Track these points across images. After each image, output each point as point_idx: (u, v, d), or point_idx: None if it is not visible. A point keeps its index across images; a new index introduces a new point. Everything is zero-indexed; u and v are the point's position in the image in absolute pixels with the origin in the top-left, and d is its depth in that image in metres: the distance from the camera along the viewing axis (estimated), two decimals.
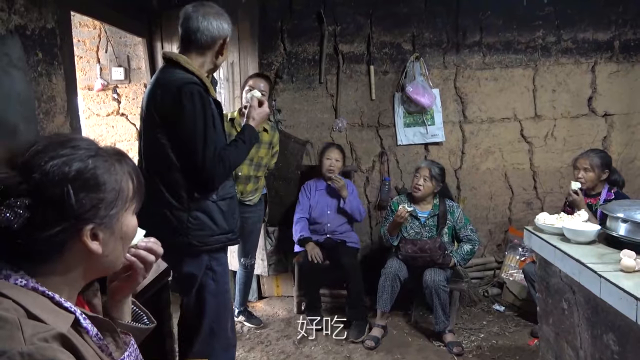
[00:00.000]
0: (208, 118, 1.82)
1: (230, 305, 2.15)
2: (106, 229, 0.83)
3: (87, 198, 0.79)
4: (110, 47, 3.76)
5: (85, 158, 0.80)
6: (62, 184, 0.76)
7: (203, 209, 1.91)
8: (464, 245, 3.25)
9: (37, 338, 0.69)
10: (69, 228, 0.78)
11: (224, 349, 2.08)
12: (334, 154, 3.51)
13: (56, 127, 2.39)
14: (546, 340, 2.27)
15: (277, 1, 3.77)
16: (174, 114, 1.81)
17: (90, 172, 0.80)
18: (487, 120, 3.90)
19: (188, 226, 1.89)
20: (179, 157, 1.85)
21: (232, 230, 2.02)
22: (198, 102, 1.79)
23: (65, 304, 0.79)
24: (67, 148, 0.80)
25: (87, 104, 3.84)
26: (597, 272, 1.63)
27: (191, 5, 1.93)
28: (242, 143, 1.98)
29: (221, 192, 1.96)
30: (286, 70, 3.86)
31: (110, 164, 0.84)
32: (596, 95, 3.85)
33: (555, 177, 3.93)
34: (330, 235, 3.49)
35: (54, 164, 0.77)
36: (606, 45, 3.80)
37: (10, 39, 2.07)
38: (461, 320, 3.42)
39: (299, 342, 3.15)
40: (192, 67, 1.87)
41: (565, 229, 2.01)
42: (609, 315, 1.66)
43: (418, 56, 3.79)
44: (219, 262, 2.02)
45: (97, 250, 0.81)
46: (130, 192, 0.88)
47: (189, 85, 1.79)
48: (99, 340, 0.83)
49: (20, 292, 0.75)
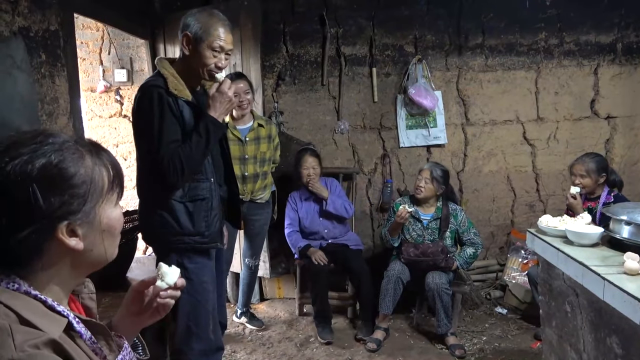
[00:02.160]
0: (162, 118, 1.85)
1: (211, 305, 2.05)
2: (84, 224, 0.79)
3: (56, 196, 0.75)
4: (113, 49, 3.77)
5: (49, 153, 0.75)
6: (25, 185, 0.72)
7: (168, 208, 1.92)
8: (466, 249, 3.24)
9: (28, 345, 0.67)
10: (42, 229, 0.74)
11: (204, 352, 2.02)
12: (309, 161, 3.39)
13: (59, 129, 2.40)
14: (549, 343, 2.26)
15: (279, 4, 3.78)
16: (136, 116, 1.94)
17: (55, 167, 0.75)
18: (489, 122, 3.90)
19: (152, 223, 1.95)
20: (145, 155, 1.94)
21: (200, 233, 1.95)
22: (155, 103, 1.84)
23: (58, 307, 0.78)
24: (30, 145, 0.75)
25: (90, 105, 3.86)
26: (601, 275, 1.62)
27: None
28: (198, 137, 1.87)
29: (191, 193, 1.93)
30: (288, 72, 3.86)
31: (79, 157, 0.79)
32: (599, 97, 3.84)
33: (558, 179, 3.92)
34: (332, 240, 3.46)
35: (15, 164, 0.73)
36: (609, 47, 3.80)
37: (14, 40, 2.08)
38: (463, 323, 3.41)
39: (301, 345, 3.15)
40: (165, 69, 1.91)
41: (569, 232, 2.00)
42: (613, 318, 1.65)
43: (420, 58, 3.79)
44: (192, 260, 1.96)
45: (76, 246, 0.78)
46: (105, 183, 0.82)
47: (148, 88, 1.88)
48: (92, 344, 0.82)
49: (12, 296, 0.73)
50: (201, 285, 1.98)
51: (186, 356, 2.00)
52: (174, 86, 1.87)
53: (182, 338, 2.00)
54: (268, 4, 3.69)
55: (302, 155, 3.43)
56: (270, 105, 3.86)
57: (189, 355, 2.00)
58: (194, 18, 1.87)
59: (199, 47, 1.86)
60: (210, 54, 1.87)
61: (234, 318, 3.42)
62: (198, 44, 1.86)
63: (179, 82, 1.90)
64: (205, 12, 1.91)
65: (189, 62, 1.92)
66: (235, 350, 3.09)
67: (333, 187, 3.52)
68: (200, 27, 1.85)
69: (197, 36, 1.85)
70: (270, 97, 3.88)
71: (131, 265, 2.65)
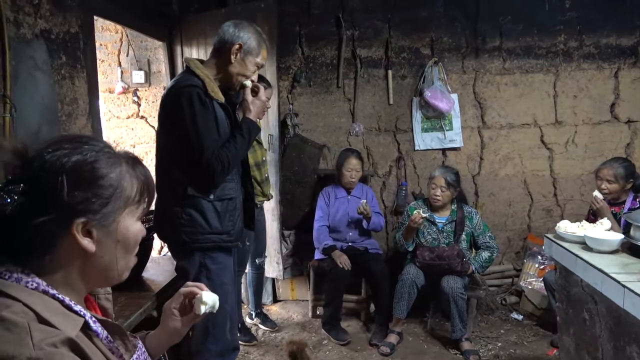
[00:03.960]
0: (205, 118, 1.88)
1: (230, 307, 2.09)
2: (101, 227, 0.80)
3: (81, 191, 0.77)
4: (131, 51, 3.81)
5: (86, 152, 0.80)
6: (57, 174, 0.76)
7: (196, 207, 1.95)
8: (482, 253, 3.20)
9: (45, 343, 0.68)
10: (59, 220, 0.76)
11: (221, 353, 2.04)
12: (353, 163, 3.41)
13: (78, 129, 2.43)
14: (566, 351, 2.22)
15: (295, 6, 3.79)
16: (174, 115, 1.92)
17: (88, 165, 0.79)
18: (506, 125, 3.86)
19: (180, 222, 1.96)
20: (179, 155, 1.94)
21: (226, 231, 2.01)
22: (197, 103, 1.87)
23: (75, 307, 0.79)
24: (74, 143, 0.81)
25: (108, 106, 3.90)
26: (621, 282, 1.59)
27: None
28: (241, 138, 1.98)
29: (219, 193, 1.98)
30: (304, 74, 3.87)
31: (114, 162, 0.82)
32: (619, 101, 3.78)
33: (576, 184, 3.86)
34: (352, 244, 3.46)
35: (54, 155, 0.77)
36: (630, 50, 3.73)
37: (35, 42, 2.12)
38: (478, 329, 3.37)
39: (313, 347, 3.14)
40: (200, 70, 1.94)
41: (587, 238, 1.97)
42: (633, 327, 1.61)
43: (437, 61, 3.77)
44: (215, 260, 2.01)
45: (88, 247, 0.79)
46: (132, 193, 0.84)
47: (187, 88, 1.89)
48: (109, 343, 0.83)
49: (31, 295, 0.75)
50: (222, 287, 2.00)
51: (203, 357, 2.02)
52: (211, 88, 1.93)
53: (199, 339, 2.01)
54: (284, 6, 3.71)
55: (347, 157, 3.43)
56: (286, 107, 3.87)
57: (206, 356, 2.02)
58: (247, 32, 1.98)
59: (246, 59, 1.99)
60: (253, 69, 2.03)
61: (247, 319, 3.43)
62: (247, 56, 1.98)
63: (214, 84, 1.96)
64: (254, 29, 2.01)
65: (226, 69, 1.99)
66: (249, 352, 3.10)
67: (369, 196, 3.52)
68: (252, 43, 1.98)
69: (248, 50, 1.98)
70: (286, 99, 3.89)
71: (147, 265, 2.68)
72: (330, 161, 3.92)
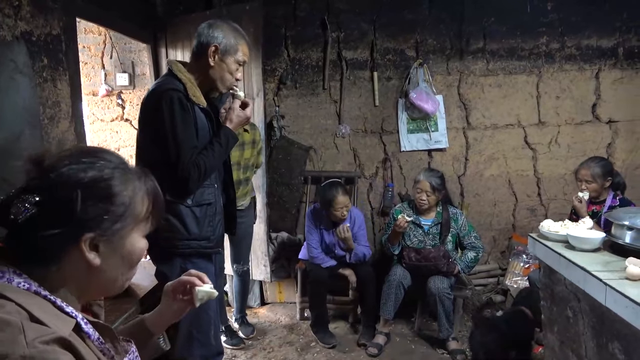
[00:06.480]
0: (185, 124, 1.85)
1: (214, 312, 2.06)
2: (108, 243, 0.82)
3: (94, 207, 0.79)
4: (115, 53, 3.78)
5: (103, 168, 0.82)
6: (73, 188, 0.78)
7: (174, 212, 1.91)
8: (468, 253, 3.23)
9: (38, 341, 0.69)
10: (69, 233, 0.78)
11: (205, 357, 2.02)
12: (341, 201, 3.17)
13: (60, 133, 2.40)
14: (551, 349, 2.25)
15: (281, 8, 3.79)
16: (153, 118, 1.88)
17: (104, 182, 0.81)
18: (490, 126, 3.90)
19: (158, 227, 1.91)
20: (155, 160, 1.87)
21: (206, 237, 1.98)
22: (177, 107, 1.83)
23: (67, 308, 0.79)
24: (91, 157, 0.82)
25: (92, 109, 3.86)
26: (602, 280, 1.62)
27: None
28: (219, 147, 1.94)
29: (197, 198, 1.95)
30: (290, 76, 3.87)
31: (129, 179, 0.85)
32: (600, 102, 3.84)
33: (559, 183, 3.91)
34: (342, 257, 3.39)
35: (72, 168, 0.79)
36: (610, 52, 3.79)
37: (16, 45, 2.08)
38: (465, 328, 3.39)
39: (302, 349, 3.14)
40: (182, 74, 1.91)
41: (570, 237, 2.00)
42: (615, 324, 1.64)
43: (422, 62, 3.79)
44: (197, 266, 1.95)
45: (93, 261, 0.81)
46: (142, 212, 0.87)
47: (168, 92, 1.85)
48: (100, 345, 0.84)
49: (23, 295, 0.75)
50: None
51: None
52: (192, 92, 1.89)
53: (183, 344, 1.99)
54: (270, 8, 3.70)
55: (333, 196, 3.15)
56: (272, 109, 3.86)
57: None
58: (220, 31, 1.92)
59: (226, 59, 1.93)
60: (235, 67, 1.96)
61: (235, 324, 3.41)
62: (225, 56, 1.93)
63: (196, 88, 1.92)
64: (229, 26, 1.96)
65: (207, 72, 1.95)
66: (236, 355, 3.08)
67: (358, 222, 3.36)
68: (229, 41, 1.92)
69: (225, 49, 1.92)
70: (272, 101, 3.88)
71: None
72: (316, 163, 3.92)
